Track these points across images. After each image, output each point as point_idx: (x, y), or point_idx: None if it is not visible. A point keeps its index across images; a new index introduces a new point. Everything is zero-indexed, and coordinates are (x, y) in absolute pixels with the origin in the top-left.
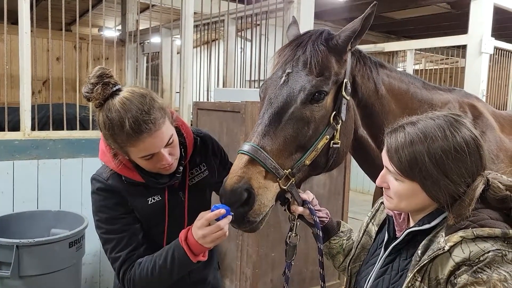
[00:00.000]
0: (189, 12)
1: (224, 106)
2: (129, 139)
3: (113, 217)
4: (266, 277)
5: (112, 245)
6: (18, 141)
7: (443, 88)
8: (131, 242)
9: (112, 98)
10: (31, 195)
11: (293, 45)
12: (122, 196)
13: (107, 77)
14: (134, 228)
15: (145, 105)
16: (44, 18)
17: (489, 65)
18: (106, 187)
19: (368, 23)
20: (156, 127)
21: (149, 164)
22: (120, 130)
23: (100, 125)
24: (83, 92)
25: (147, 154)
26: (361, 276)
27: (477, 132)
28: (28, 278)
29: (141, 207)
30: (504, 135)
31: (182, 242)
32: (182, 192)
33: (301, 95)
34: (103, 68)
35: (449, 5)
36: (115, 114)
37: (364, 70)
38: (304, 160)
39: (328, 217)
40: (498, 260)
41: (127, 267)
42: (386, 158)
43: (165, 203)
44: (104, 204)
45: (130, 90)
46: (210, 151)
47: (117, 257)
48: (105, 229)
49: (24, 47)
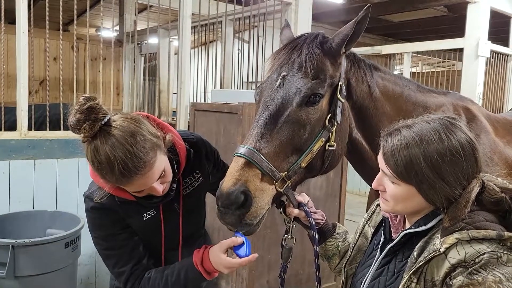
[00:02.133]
0: (187, 13)
1: (221, 107)
2: (118, 181)
3: (110, 234)
4: (262, 279)
5: (114, 261)
6: (15, 141)
7: (437, 91)
8: (133, 255)
9: (101, 135)
10: (27, 195)
11: (288, 48)
12: (117, 214)
13: (94, 112)
14: (133, 241)
15: (136, 147)
16: (42, 18)
17: (486, 69)
18: (100, 206)
19: (362, 27)
20: (147, 168)
21: (140, 194)
22: (109, 172)
23: (88, 159)
24: (69, 124)
25: (137, 191)
26: (357, 278)
27: (472, 135)
28: (24, 278)
29: (137, 224)
30: (498, 138)
31: (198, 266)
32: (177, 203)
33: (297, 98)
34: (89, 99)
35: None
36: (104, 157)
37: (359, 73)
38: (300, 163)
39: (323, 219)
40: (493, 262)
41: (134, 281)
42: (382, 161)
43: (160, 217)
44: (99, 222)
45: (120, 125)
46: (203, 157)
47: (122, 272)
48: (104, 245)
49: (21, 47)
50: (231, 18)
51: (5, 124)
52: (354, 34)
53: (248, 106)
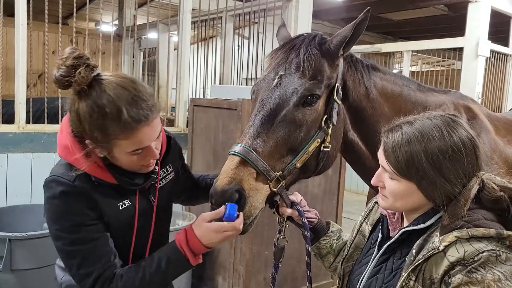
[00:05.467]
0: (187, 8)
1: (220, 103)
2: (125, 129)
3: (79, 223)
4: (259, 275)
5: (79, 260)
6: (12, 134)
7: (438, 90)
8: (104, 252)
9: (97, 83)
10: (25, 188)
11: (286, 47)
12: (91, 198)
13: (86, 58)
14: (105, 236)
15: (140, 91)
16: (41, 11)
17: (485, 68)
18: (73, 190)
19: (361, 29)
20: (153, 114)
21: (135, 161)
22: (114, 120)
23: (82, 116)
24: (58, 76)
25: (140, 147)
26: (354, 275)
27: (474, 133)
28: (20, 272)
29: (111, 213)
30: (499, 137)
31: (183, 246)
32: (152, 195)
33: (293, 98)
34: (76, 48)
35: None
36: (107, 101)
37: (356, 75)
38: (295, 163)
39: (317, 218)
40: (493, 260)
41: (103, 283)
42: (382, 157)
43: (135, 209)
44: (68, 209)
45: (114, 74)
46: (177, 152)
47: (88, 273)
48: (69, 239)
49: (20, 40)
50: (232, 14)
51: (3, 117)
52: (353, 37)
53: (247, 102)
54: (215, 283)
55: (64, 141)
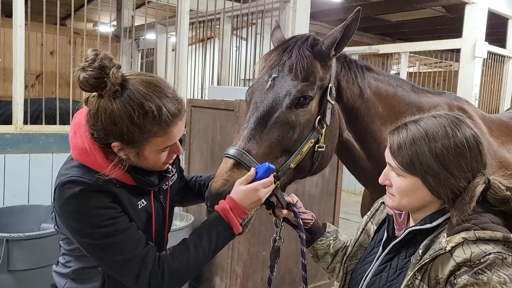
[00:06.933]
0: (185, 9)
1: (218, 104)
2: (165, 125)
3: (111, 217)
4: (257, 276)
5: (116, 248)
6: (10, 135)
7: (432, 91)
8: (138, 237)
9: (127, 83)
10: (22, 189)
11: (279, 50)
12: (114, 195)
13: (111, 59)
14: (134, 225)
15: (168, 86)
16: (39, 12)
17: (482, 70)
18: (96, 188)
19: (351, 30)
20: (184, 109)
21: (162, 158)
22: (154, 117)
23: (118, 118)
24: (88, 78)
25: (172, 143)
26: (357, 273)
27: (478, 131)
28: (18, 272)
29: (133, 211)
30: (493, 138)
31: (227, 214)
32: (162, 195)
33: (286, 100)
34: (97, 49)
35: (444, 9)
36: (145, 99)
37: (349, 75)
38: (289, 164)
39: (313, 219)
40: (499, 263)
41: (152, 267)
42: (388, 154)
43: (151, 206)
44: (95, 205)
45: (135, 73)
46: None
47: (129, 259)
48: (100, 234)
49: (18, 41)
50: (229, 15)
51: (1, 117)
52: (343, 37)
53: (244, 103)
54: (213, 284)
55: (80, 144)
